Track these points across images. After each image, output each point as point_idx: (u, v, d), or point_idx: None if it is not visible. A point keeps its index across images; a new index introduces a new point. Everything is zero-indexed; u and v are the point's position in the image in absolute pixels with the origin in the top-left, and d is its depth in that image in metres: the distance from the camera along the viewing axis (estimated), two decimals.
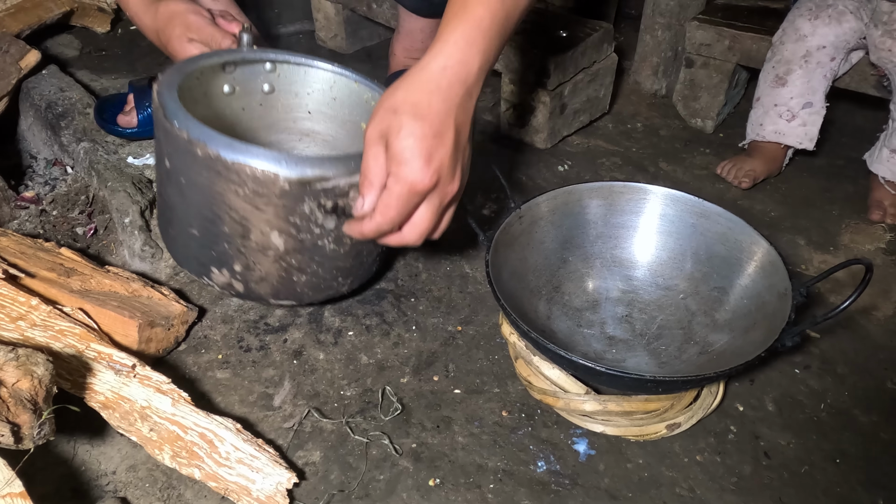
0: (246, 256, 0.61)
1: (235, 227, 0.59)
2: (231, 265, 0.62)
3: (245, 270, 0.62)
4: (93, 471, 0.58)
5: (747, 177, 1.00)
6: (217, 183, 0.56)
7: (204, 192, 0.58)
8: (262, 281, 0.63)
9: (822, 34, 0.95)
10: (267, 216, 0.58)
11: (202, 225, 0.61)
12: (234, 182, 0.56)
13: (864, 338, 0.77)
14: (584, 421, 0.64)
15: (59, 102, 0.99)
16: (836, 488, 0.61)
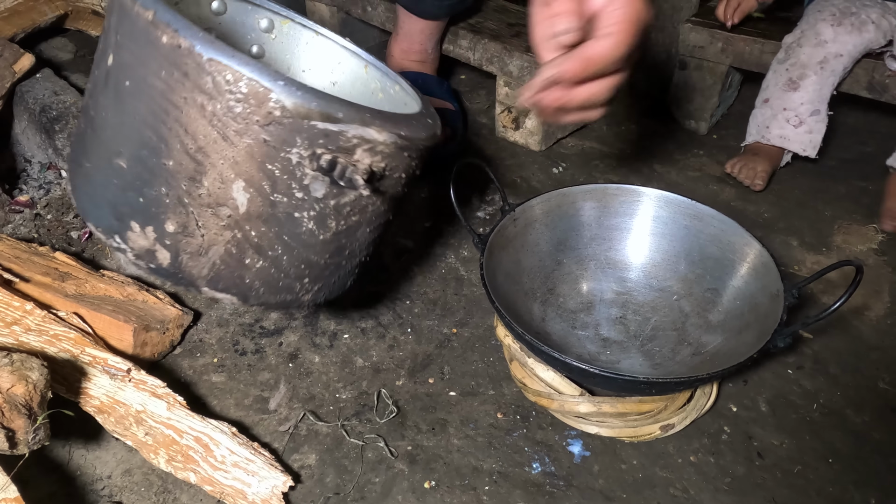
0: (188, 212, 0.44)
1: (185, 162, 0.43)
2: (162, 222, 0.45)
3: (180, 234, 0.45)
4: (88, 475, 0.58)
5: (760, 178, 0.99)
6: (178, 89, 0.41)
7: (153, 103, 0.43)
8: (200, 255, 0.46)
9: (843, 42, 0.93)
10: (235, 154, 0.42)
11: (136, 154, 0.44)
12: (203, 91, 0.41)
13: (856, 338, 0.78)
14: (579, 422, 0.64)
15: (54, 106, 0.99)
16: (828, 488, 0.62)
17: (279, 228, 0.47)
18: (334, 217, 0.47)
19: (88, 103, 0.49)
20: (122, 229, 0.47)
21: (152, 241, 0.47)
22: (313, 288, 0.53)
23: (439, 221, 0.90)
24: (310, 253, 0.50)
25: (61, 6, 1.17)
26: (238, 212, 0.45)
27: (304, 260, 0.50)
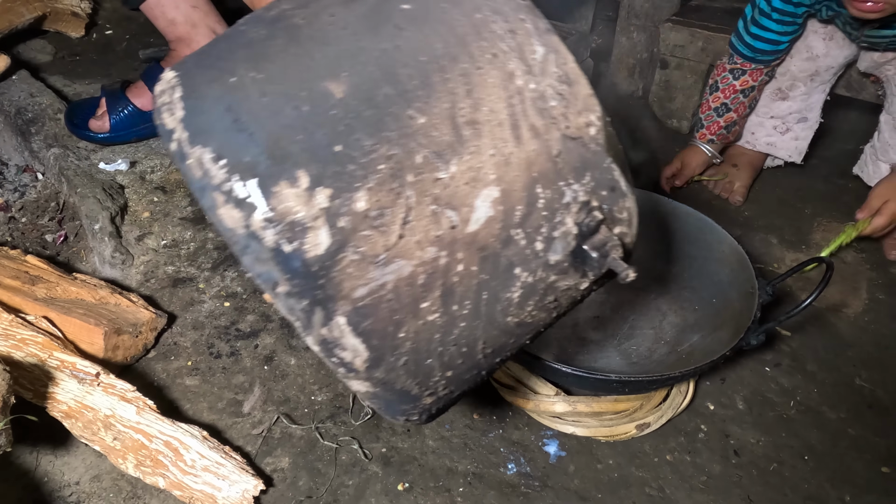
0: (401, 194, 0.31)
1: (443, 129, 0.31)
2: (352, 190, 0.31)
3: (367, 219, 0.31)
4: (56, 482, 0.58)
5: (740, 194, 0.99)
6: (490, 42, 0.32)
7: (438, 41, 0.32)
8: (372, 264, 0.32)
9: (835, 56, 0.92)
10: (513, 152, 0.33)
11: (367, 87, 0.31)
12: (524, 61, 0.32)
13: (833, 335, 0.78)
14: (555, 422, 0.64)
15: (29, 108, 0.98)
16: (803, 485, 0.62)
17: (488, 279, 0.34)
18: (538, 298, 0.35)
19: (296, 11, 0.34)
20: (273, 174, 0.30)
21: (315, 210, 0.30)
22: (445, 389, 0.37)
23: None
24: (484, 334, 0.36)
25: (39, 7, 1.16)
26: (465, 228, 0.32)
27: (471, 342, 0.35)
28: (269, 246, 0.30)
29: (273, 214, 0.30)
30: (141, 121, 0.98)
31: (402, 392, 0.35)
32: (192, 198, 0.92)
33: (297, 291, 0.31)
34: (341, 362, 0.33)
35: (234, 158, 0.30)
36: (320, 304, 0.31)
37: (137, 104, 0.97)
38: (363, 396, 0.36)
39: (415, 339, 0.34)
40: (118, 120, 0.97)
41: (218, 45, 0.36)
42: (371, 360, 0.33)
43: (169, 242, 0.84)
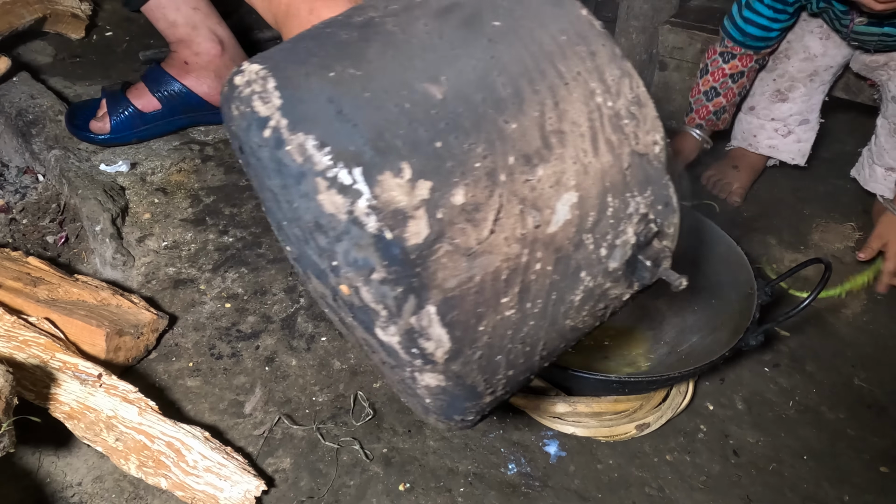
0: (494, 192, 0.33)
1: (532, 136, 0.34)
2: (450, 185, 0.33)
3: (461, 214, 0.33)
4: (58, 482, 0.58)
5: (738, 195, 0.99)
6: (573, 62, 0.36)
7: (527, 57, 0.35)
8: (463, 256, 0.33)
9: (832, 55, 0.92)
10: (591, 162, 0.36)
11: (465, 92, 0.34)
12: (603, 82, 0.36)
13: (832, 335, 0.78)
14: (555, 423, 0.64)
15: (30, 110, 0.98)
16: (802, 484, 0.62)
17: (558, 280, 0.36)
18: (592, 304, 0.38)
19: (386, 19, 0.36)
20: (377, 163, 0.31)
21: (416, 201, 0.32)
22: (503, 390, 0.39)
23: None
24: (545, 335, 0.38)
25: (39, 9, 1.16)
26: (546, 229, 0.34)
27: (534, 342, 0.38)
28: (371, 232, 0.31)
29: (377, 202, 0.31)
30: (141, 122, 0.98)
31: (469, 388, 0.37)
32: (192, 199, 0.92)
33: (392, 278, 0.32)
34: (421, 353, 0.34)
35: (339, 147, 0.32)
36: (414, 291, 0.32)
37: (138, 105, 0.98)
38: (428, 392, 0.37)
39: (491, 333, 0.35)
40: (119, 121, 0.97)
41: (304, 42, 0.37)
42: (451, 352, 0.34)
43: (170, 244, 0.85)
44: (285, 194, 0.34)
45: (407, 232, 0.32)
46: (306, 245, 0.36)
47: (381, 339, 0.35)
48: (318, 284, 0.39)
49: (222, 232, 0.87)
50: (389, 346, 0.35)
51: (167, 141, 1.02)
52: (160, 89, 0.98)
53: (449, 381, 0.35)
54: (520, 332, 0.36)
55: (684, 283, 0.37)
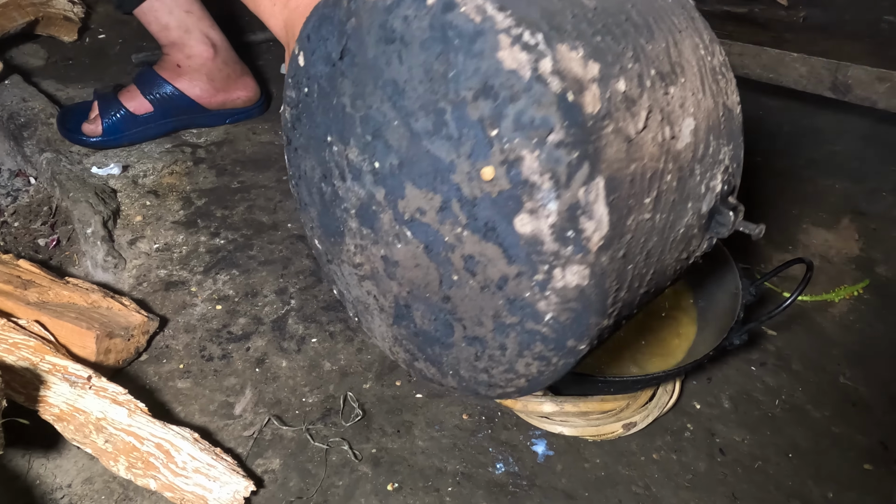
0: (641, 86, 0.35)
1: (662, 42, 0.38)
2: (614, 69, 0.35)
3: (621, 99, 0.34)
4: (48, 485, 0.58)
5: None
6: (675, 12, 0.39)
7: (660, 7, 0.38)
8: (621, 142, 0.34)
9: None
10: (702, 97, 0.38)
11: None
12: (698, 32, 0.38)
13: (818, 334, 0.79)
14: (543, 422, 0.65)
15: (22, 113, 0.98)
16: (787, 482, 0.63)
17: (676, 199, 0.37)
18: (682, 247, 0.39)
19: None
20: (555, 36, 0.33)
21: (590, 75, 0.33)
22: (616, 315, 0.39)
23: None
24: (656, 262, 0.39)
25: (31, 12, 1.16)
26: (675, 145, 0.36)
27: (649, 264, 0.38)
28: (554, 91, 0.32)
29: (559, 66, 0.32)
30: (133, 124, 0.99)
31: (602, 297, 0.36)
32: (184, 202, 0.92)
33: (570, 141, 0.32)
34: (577, 237, 0.33)
35: (519, 13, 0.32)
36: (588, 159, 0.32)
37: (130, 108, 0.98)
38: (560, 302, 0.35)
39: (634, 232, 0.35)
40: (110, 123, 0.97)
41: None
42: (605, 240, 0.34)
43: (161, 246, 0.85)
44: (441, 63, 0.34)
45: (585, 100, 0.32)
46: (439, 132, 0.35)
47: (519, 232, 0.34)
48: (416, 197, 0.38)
49: (214, 234, 0.87)
50: (532, 236, 0.34)
51: (159, 143, 1.02)
52: (152, 92, 0.99)
53: (591, 279, 0.34)
54: (648, 244, 0.36)
55: (762, 231, 0.39)
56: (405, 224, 0.41)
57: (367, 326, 0.53)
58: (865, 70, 0.96)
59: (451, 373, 0.46)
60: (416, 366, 0.49)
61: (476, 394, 0.46)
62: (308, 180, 0.49)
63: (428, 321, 0.44)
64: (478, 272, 0.38)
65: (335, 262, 0.51)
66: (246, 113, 1.08)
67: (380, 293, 0.47)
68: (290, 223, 0.90)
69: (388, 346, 0.52)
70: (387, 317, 0.48)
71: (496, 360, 0.42)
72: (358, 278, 0.49)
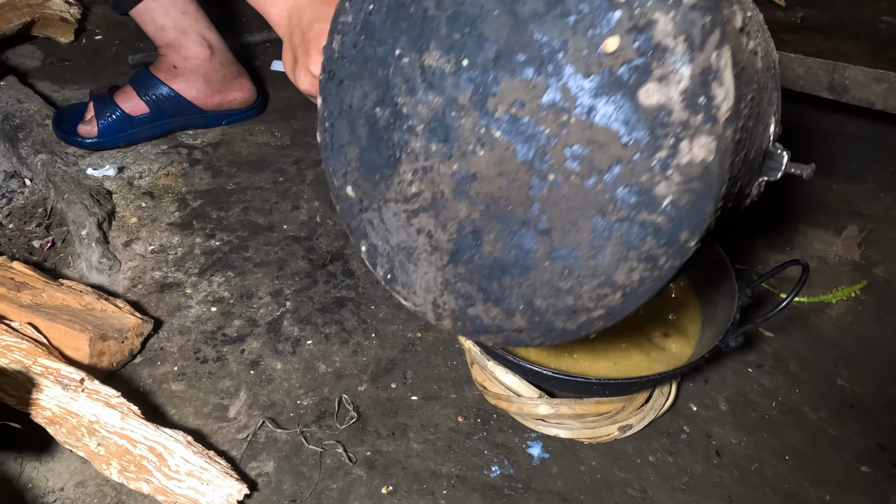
0: None
1: None
2: None
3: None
4: (40, 488, 0.58)
5: None
6: None
7: None
8: None
9: None
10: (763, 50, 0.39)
11: None
12: None
13: (815, 335, 0.79)
14: (538, 425, 0.65)
15: (17, 114, 0.98)
16: (784, 484, 0.62)
17: (753, 126, 0.37)
18: (742, 185, 0.39)
19: None
20: None
21: None
22: (724, 208, 0.39)
23: None
24: (747, 171, 0.40)
25: (28, 13, 1.16)
26: (756, 61, 0.37)
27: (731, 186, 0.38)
28: None
29: None
30: (129, 126, 0.99)
31: (722, 177, 0.35)
32: (179, 203, 0.92)
33: (703, 5, 0.33)
34: (707, 105, 0.33)
35: None
36: (719, 25, 0.33)
37: (126, 109, 0.98)
38: (683, 181, 0.35)
39: (748, 113, 0.35)
40: (106, 125, 0.97)
41: None
42: (731, 112, 0.33)
43: (156, 248, 0.85)
44: None
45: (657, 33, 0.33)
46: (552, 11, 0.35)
47: (643, 105, 0.34)
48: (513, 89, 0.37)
49: (209, 236, 0.87)
50: (659, 107, 0.34)
51: (155, 145, 1.02)
52: (148, 93, 0.99)
53: (717, 153, 0.34)
54: (746, 145, 0.36)
55: (813, 169, 0.41)
56: (494, 124, 0.39)
57: (404, 282, 0.48)
58: (863, 71, 0.96)
59: (520, 308, 0.42)
60: (471, 313, 0.45)
61: (548, 331, 0.42)
62: (353, 113, 0.46)
63: (501, 246, 0.42)
64: (582, 165, 0.37)
65: (372, 208, 0.47)
66: (242, 114, 1.08)
67: (438, 225, 0.44)
68: (285, 225, 0.90)
69: (433, 299, 0.46)
70: (440, 256, 0.45)
71: (588, 273, 0.39)
72: (408, 216, 0.45)
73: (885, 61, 0.96)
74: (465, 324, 0.46)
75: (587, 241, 0.38)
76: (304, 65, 0.55)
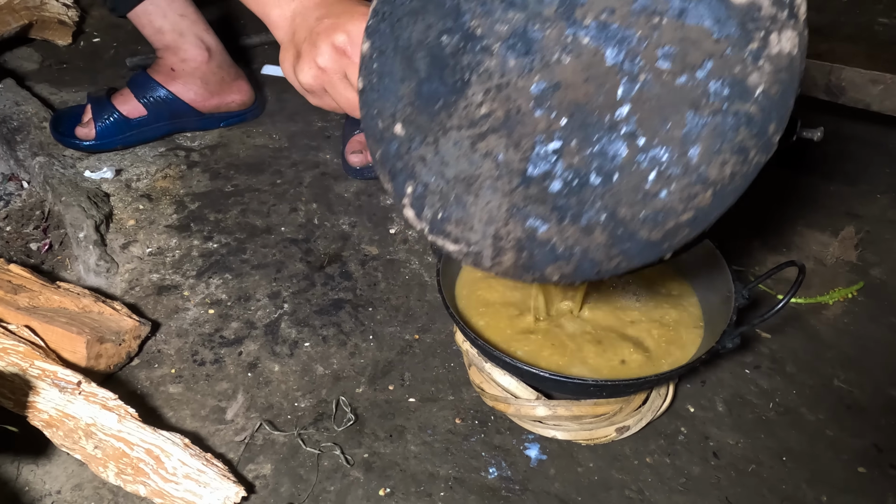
0: None
1: None
2: None
3: None
4: (37, 491, 0.58)
5: None
6: None
7: None
8: None
9: None
10: None
11: None
12: None
13: (813, 337, 0.79)
14: (536, 426, 0.65)
15: (15, 116, 0.98)
16: (781, 486, 0.62)
17: None
18: None
19: None
20: None
21: None
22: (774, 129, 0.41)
23: (404, 227, 0.91)
24: None
25: (26, 16, 1.16)
26: None
27: None
28: None
29: None
30: (127, 128, 0.99)
31: (799, 74, 0.37)
32: (177, 205, 0.92)
33: None
34: (791, 1, 0.36)
35: None
36: None
37: (123, 111, 0.98)
38: (772, 71, 0.37)
39: None
40: (104, 127, 0.97)
41: None
42: (805, 14, 0.37)
43: (154, 250, 0.85)
44: None
45: None
46: None
47: (733, 3, 0.36)
48: None
49: (207, 238, 0.87)
50: (750, 3, 0.36)
51: (153, 147, 1.02)
52: (146, 95, 0.99)
53: (799, 48, 0.37)
54: None
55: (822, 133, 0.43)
56: (582, 31, 0.39)
57: (458, 218, 0.45)
58: (859, 73, 0.97)
59: (601, 221, 0.41)
60: (541, 238, 0.42)
61: (630, 245, 0.41)
62: (411, 48, 0.45)
63: (583, 156, 0.41)
64: (674, 63, 0.38)
65: (427, 142, 0.45)
66: (240, 116, 1.08)
67: (510, 144, 0.43)
68: (283, 227, 0.90)
69: (494, 230, 0.44)
70: (509, 180, 0.43)
71: (679, 171, 0.39)
72: (472, 141, 0.44)
73: (881, 63, 0.96)
74: (532, 252, 0.43)
75: (679, 138, 0.39)
76: (311, 58, 0.54)
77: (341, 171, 1.00)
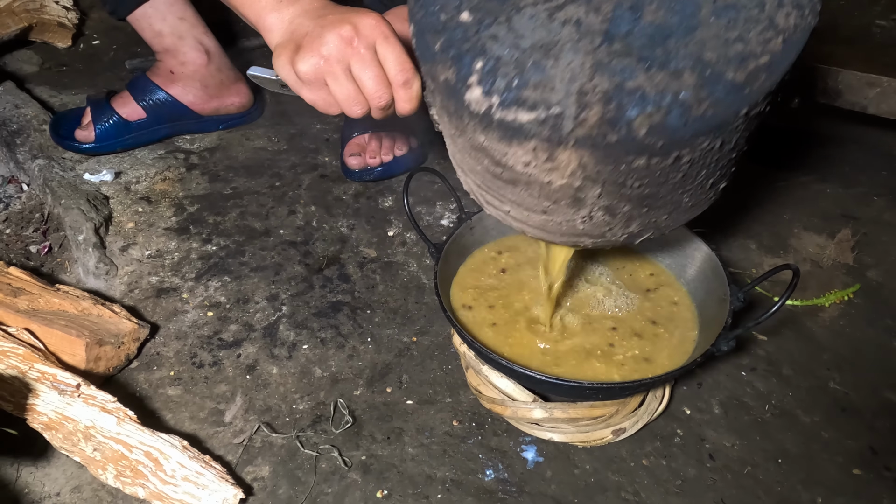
0: None
1: None
2: None
3: None
4: (36, 493, 0.58)
5: None
6: None
7: None
8: None
9: None
10: None
11: None
12: None
13: (809, 339, 0.79)
14: (533, 429, 0.65)
15: (14, 119, 0.99)
16: (776, 487, 0.63)
17: None
18: None
19: None
20: None
21: None
22: None
23: (402, 230, 0.91)
24: None
25: (25, 18, 1.17)
26: None
27: None
28: None
29: None
30: (126, 131, 0.99)
31: None
32: (176, 208, 0.92)
33: None
34: None
35: None
36: None
37: (123, 114, 0.98)
38: None
39: None
40: (103, 130, 0.97)
41: None
42: None
43: (153, 253, 0.85)
44: None
45: None
46: None
47: None
48: None
49: (206, 241, 0.88)
50: None
51: (152, 150, 1.02)
52: (145, 98, 0.99)
53: None
54: None
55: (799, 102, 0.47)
56: None
57: (537, 82, 0.45)
58: (856, 75, 0.97)
59: (689, 64, 0.43)
60: (630, 87, 0.44)
61: (718, 86, 0.43)
62: None
63: (664, 12, 0.44)
64: None
65: (498, 22, 0.46)
66: (239, 119, 1.09)
67: (590, 10, 0.44)
68: (281, 229, 0.91)
69: (579, 87, 0.44)
70: (591, 40, 0.44)
71: (753, 19, 0.44)
72: (549, 13, 0.45)
73: (878, 66, 0.97)
74: (621, 101, 0.43)
75: None
76: (315, 47, 0.53)
77: (340, 173, 1.01)
